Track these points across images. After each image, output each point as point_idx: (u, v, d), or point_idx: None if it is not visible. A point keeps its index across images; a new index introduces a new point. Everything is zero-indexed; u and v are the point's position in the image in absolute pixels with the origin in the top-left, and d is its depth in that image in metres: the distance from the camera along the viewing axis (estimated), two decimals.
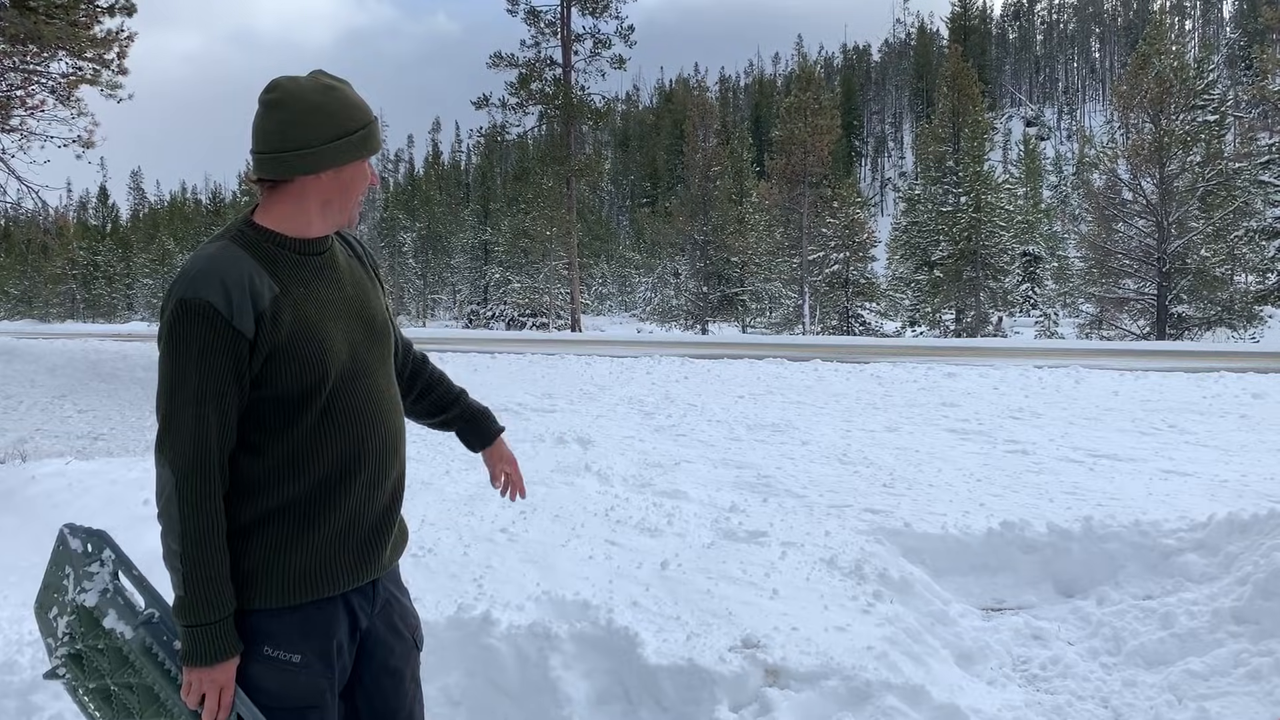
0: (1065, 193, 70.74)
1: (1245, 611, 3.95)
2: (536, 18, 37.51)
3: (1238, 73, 71.73)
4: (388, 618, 2.02)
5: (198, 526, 1.75)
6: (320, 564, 1.85)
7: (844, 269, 39.11)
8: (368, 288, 2.01)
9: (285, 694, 1.83)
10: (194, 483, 1.75)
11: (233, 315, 1.73)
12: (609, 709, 3.38)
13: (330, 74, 1.92)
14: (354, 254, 2.06)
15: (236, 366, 1.75)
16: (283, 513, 1.83)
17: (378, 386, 1.94)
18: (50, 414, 12.81)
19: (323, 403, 1.83)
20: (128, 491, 5.60)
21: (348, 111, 1.87)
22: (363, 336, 1.93)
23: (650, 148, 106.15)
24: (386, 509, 1.96)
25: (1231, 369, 14.19)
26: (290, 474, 1.82)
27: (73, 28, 16.35)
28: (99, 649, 1.90)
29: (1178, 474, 6.89)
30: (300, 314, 1.81)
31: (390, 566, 2.02)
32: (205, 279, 1.74)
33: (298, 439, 1.82)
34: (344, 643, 1.91)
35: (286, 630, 1.83)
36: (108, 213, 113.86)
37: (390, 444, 1.95)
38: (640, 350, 21.17)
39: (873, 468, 7.30)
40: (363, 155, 1.89)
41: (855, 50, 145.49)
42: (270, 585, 1.82)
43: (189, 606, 1.76)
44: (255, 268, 1.80)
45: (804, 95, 40.66)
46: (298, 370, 1.78)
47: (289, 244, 1.87)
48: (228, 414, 1.77)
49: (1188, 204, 31.13)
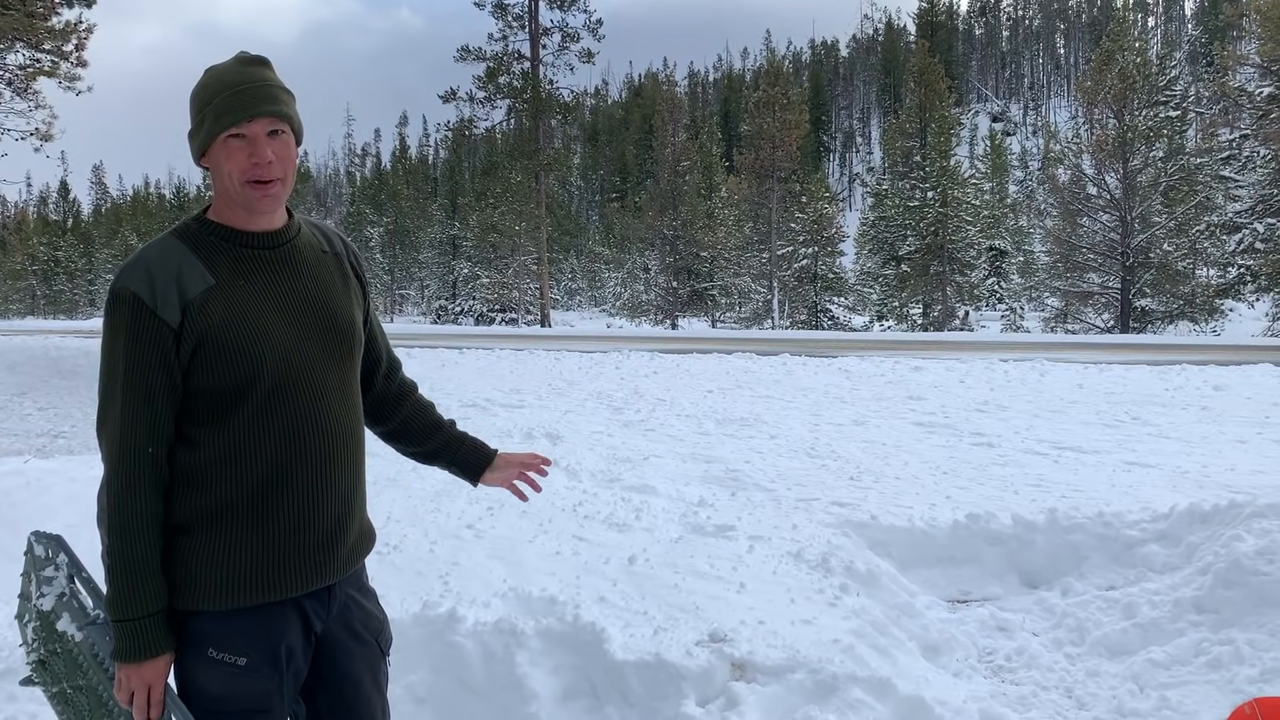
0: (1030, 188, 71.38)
1: (1206, 601, 4.00)
2: (504, 11, 37.40)
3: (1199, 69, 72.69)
4: (346, 622, 1.95)
5: (123, 520, 1.73)
6: (265, 567, 1.79)
7: (812, 264, 39.29)
8: (334, 286, 1.93)
9: (230, 696, 1.79)
10: (121, 475, 1.74)
11: (157, 304, 1.71)
12: (576, 705, 3.36)
13: (248, 53, 1.85)
14: (330, 251, 1.98)
15: (164, 357, 1.72)
16: (223, 511, 1.78)
17: (327, 385, 1.85)
18: (9, 412, 12.60)
19: (260, 397, 1.76)
20: (88, 490, 5.49)
21: (209, 89, 1.79)
22: (315, 334, 1.85)
23: (619, 142, 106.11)
24: (340, 513, 1.88)
25: (1193, 362, 14.40)
26: (227, 471, 1.77)
27: (30, 19, 16.07)
28: (56, 652, 1.88)
29: (1140, 465, 6.97)
30: (235, 306, 1.76)
31: (348, 571, 1.94)
32: (132, 270, 1.74)
33: (234, 434, 1.76)
34: (295, 647, 1.85)
35: (231, 633, 1.78)
36: (69, 207, 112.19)
37: (339, 445, 1.87)
38: (609, 345, 21.16)
39: (840, 461, 7.33)
40: (216, 131, 1.76)
41: (823, 46, 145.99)
42: (214, 587, 1.77)
43: (115, 601, 1.74)
44: (189, 259, 1.76)
45: (772, 90, 40.78)
46: (229, 361, 1.73)
47: (233, 236, 1.82)
48: (157, 405, 1.73)
49: (1151, 199, 31.51)
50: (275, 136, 1.79)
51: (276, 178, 1.79)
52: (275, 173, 1.79)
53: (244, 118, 1.75)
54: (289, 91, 1.86)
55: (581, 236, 80.00)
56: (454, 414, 9.77)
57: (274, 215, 1.86)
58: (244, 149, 1.77)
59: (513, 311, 47.71)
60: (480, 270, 51.54)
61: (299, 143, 1.88)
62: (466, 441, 2.24)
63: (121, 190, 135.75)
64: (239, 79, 1.78)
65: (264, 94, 1.78)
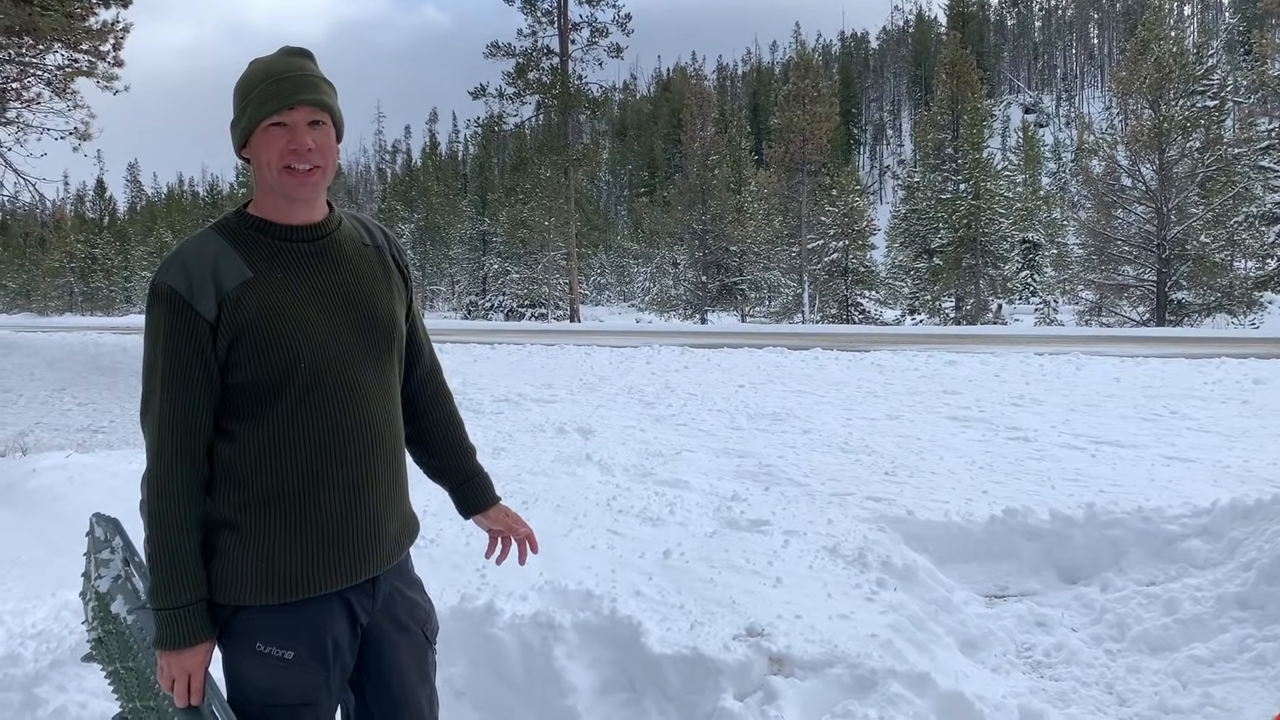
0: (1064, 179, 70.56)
1: (1250, 597, 3.94)
2: (533, 7, 37.41)
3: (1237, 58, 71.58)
4: (391, 613, 1.96)
5: (162, 510, 1.75)
6: (308, 562, 1.79)
7: (843, 257, 39.07)
8: (375, 279, 1.92)
9: (278, 690, 1.81)
10: (160, 465, 1.76)
11: (193, 298, 1.73)
12: (613, 698, 3.37)
13: (293, 46, 1.86)
14: (372, 244, 1.97)
15: (201, 350, 1.74)
16: (264, 506, 1.78)
17: (365, 378, 1.85)
18: (50, 407, 12.79)
19: (297, 391, 1.77)
20: (128, 484, 5.56)
21: (252, 78, 1.80)
22: (354, 327, 1.85)
23: (648, 137, 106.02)
24: (381, 506, 1.89)
25: (1232, 355, 14.18)
26: (267, 465, 1.78)
27: (68, 20, 16.27)
28: (110, 632, 1.92)
29: (1180, 460, 6.88)
30: (272, 299, 1.76)
31: (391, 562, 1.94)
32: (170, 264, 1.77)
33: (272, 428, 1.77)
34: (341, 640, 1.86)
35: (278, 626, 1.80)
36: (105, 205, 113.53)
37: (379, 438, 1.87)
38: (640, 340, 21.16)
39: (874, 456, 7.29)
40: (257, 119, 1.77)
41: (853, 37, 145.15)
42: (258, 582, 1.78)
43: (155, 589, 1.76)
44: (226, 252, 1.78)
45: (802, 83, 40.56)
46: (265, 355, 1.74)
47: (272, 229, 1.83)
48: (194, 398, 1.75)
49: (1187, 190, 31.07)
50: (316, 126, 1.80)
51: (316, 165, 1.79)
52: (314, 160, 1.79)
53: (284, 105, 1.76)
54: (330, 83, 1.86)
55: (610, 231, 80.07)
56: (486, 409, 9.81)
57: (313, 207, 1.86)
58: (283, 136, 1.77)
59: (542, 307, 47.84)
60: (510, 266, 51.71)
61: (340, 136, 1.88)
62: (479, 476, 2.23)
63: (156, 188, 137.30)
64: (281, 69, 1.79)
65: (305, 83, 1.79)
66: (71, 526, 4.88)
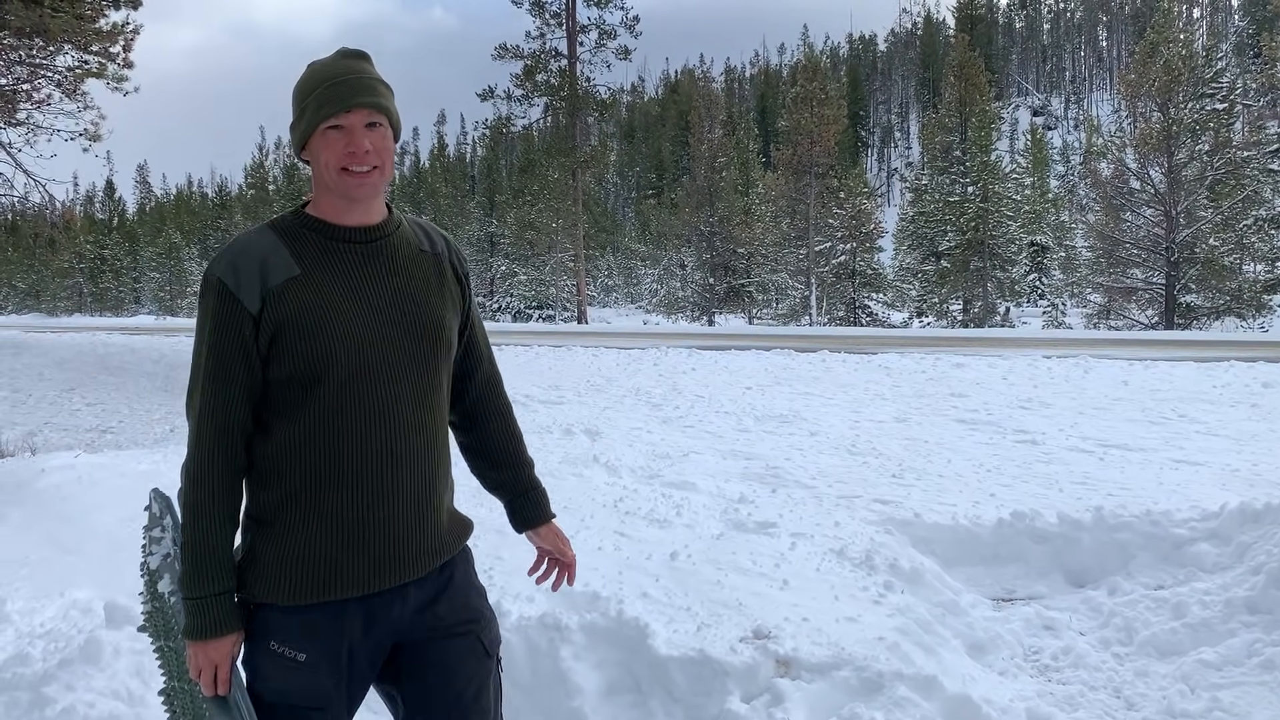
0: (1072, 182, 70.44)
1: (1259, 601, 3.93)
2: (542, 9, 37.46)
3: (1246, 61, 71.31)
4: (434, 621, 1.91)
5: (197, 499, 1.76)
6: (325, 565, 1.78)
7: (850, 260, 39.03)
8: (428, 284, 1.91)
9: (288, 691, 1.80)
10: (198, 455, 1.77)
11: (239, 290, 1.74)
12: (620, 700, 3.37)
13: (350, 48, 1.88)
14: (430, 250, 1.95)
15: (243, 343, 1.75)
16: (289, 505, 1.79)
17: (404, 382, 1.83)
18: (59, 407, 12.85)
19: (332, 389, 1.76)
20: (137, 484, 5.59)
21: (310, 81, 1.82)
22: (399, 330, 1.83)
23: (656, 139, 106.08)
24: (412, 514, 1.85)
25: (1241, 358, 14.14)
26: (295, 463, 1.78)
27: (78, 21, 16.32)
28: (157, 609, 1.94)
29: (1188, 463, 6.86)
30: (315, 295, 1.77)
31: (423, 571, 1.89)
32: (221, 257, 1.79)
33: (304, 426, 1.77)
34: (359, 648, 1.84)
35: (292, 627, 1.79)
36: (114, 206, 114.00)
37: (413, 445, 1.84)
38: (647, 342, 21.17)
39: (882, 458, 7.28)
40: (316, 122, 1.78)
41: (861, 40, 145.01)
42: (277, 581, 1.78)
43: (185, 578, 1.77)
44: (277, 248, 1.79)
45: (810, 85, 40.54)
46: (301, 350, 1.74)
47: (326, 229, 1.84)
48: (235, 389, 1.76)
49: (1196, 193, 30.99)
50: (373, 129, 1.80)
51: (373, 167, 1.80)
52: (371, 161, 1.79)
53: (342, 108, 1.77)
54: (388, 85, 1.87)
55: (618, 233, 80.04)
56: None
57: (370, 208, 1.86)
58: (341, 139, 1.78)
59: (549, 308, 47.89)
60: (517, 267, 51.78)
61: (397, 138, 1.89)
62: (535, 490, 2.20)
63: (165, 189, 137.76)
64: (338, 71, 1.81)
65: (362, 86, 1.80)
66: (80, 526, 4.90)
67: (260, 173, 76.10)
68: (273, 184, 73.48)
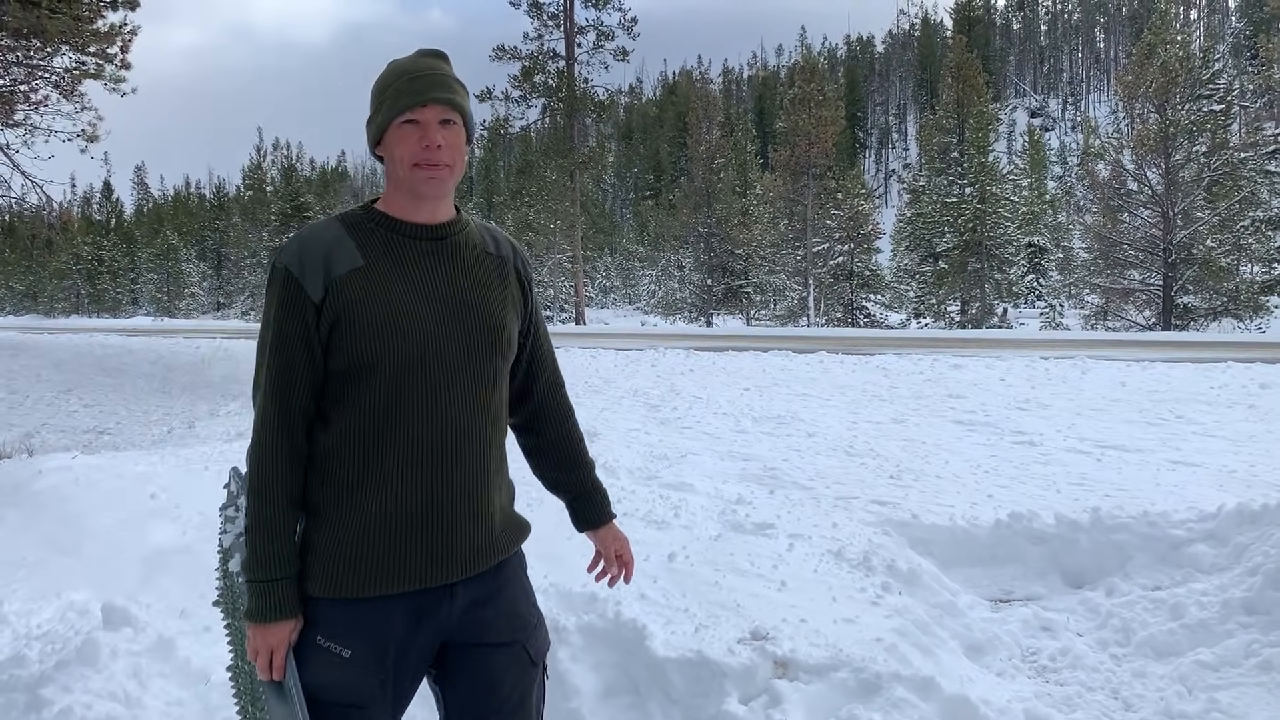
0: (1070, 184, 70.53)
1: (1256, 602, 3.93)
2: (540, 10, 37.46)
3: (1243, 62, 71.47)
4: (478, 624, 1.91)
5: (260, 484, 1.79)
6: (375, 559, 1.79)
7: (848, 261, 39.03)
8: (490, 286, 1.91)
9: (332, 686, 1.80)
10: (261, 440, 1.80)
11: (304, 278, 1.77)
12: (617, 701, 3.37)
13: (428, 48, 1.91)
14: (495, 254, 1.97)
15: (306, 330, 1.78)
16: (342, 496, 1.80)
17: (458, 380, 1.83)
18: (56, 409, 12.83)
19: (385, 383, 1.77)
20: (134, 486, 5.58)
21: (387, 77, 1.86)
22: (457, 329, 1.84)
23: (654, 140, 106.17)
24: (461, 512, 1.85)
25: (1238, 359, 14.16)
26: (347, 455, 1.80)
27: (76, 22, 16.29)
28: (228, 587, 1.97)
29: (1186, 464, 6.87)
30: (376, 288, 1.79)
31: (472, 571, 1.88)
32: (289, 246, 1.83)
33: (356, 418, 1.79)
34: (408, 646, 1.84)
35: (338, 622, 1.80)
36: (112, 207, 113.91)
37: (464, 443, 1.84)
38: (645, 343, 21.17)
39: (879, 459, 7.28)
40: (391, 116, 1.82)
41: (859, 41, 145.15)
42: (326, 573, 1.80)
43: (247, 561, 1.81)
44: (343, 240, 1.82)
45: (808, 87, 40.56)
46: (358, 341, 1.77)
47: (393, 224, 1.86)
48: (296, 376, 1.79)
49: (1193, 194, 31.03)
50: (447, 126, 1.83)
51: (445, 163, 1.82)
52: (444, 158, 1.82)
53: (417, 103, 1.80)
54: (464, 85, 1.90)
55: (616, 234, 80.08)
56: None
57: (438, 206, 1.89)
58: (415, 133, 1.81)
59: (548, 309, 47.85)
60: None
61: (470, 138, 1.91)
62: (596, 492, 2.23)
63: (163, 190, 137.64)
64: (416, 68, 1.84)
65: (438, 82, 1.82)
66: (77, 528, 4.89)
67: (258, 174, 75.97)
68: (270, 185, 73.35)
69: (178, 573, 4.09)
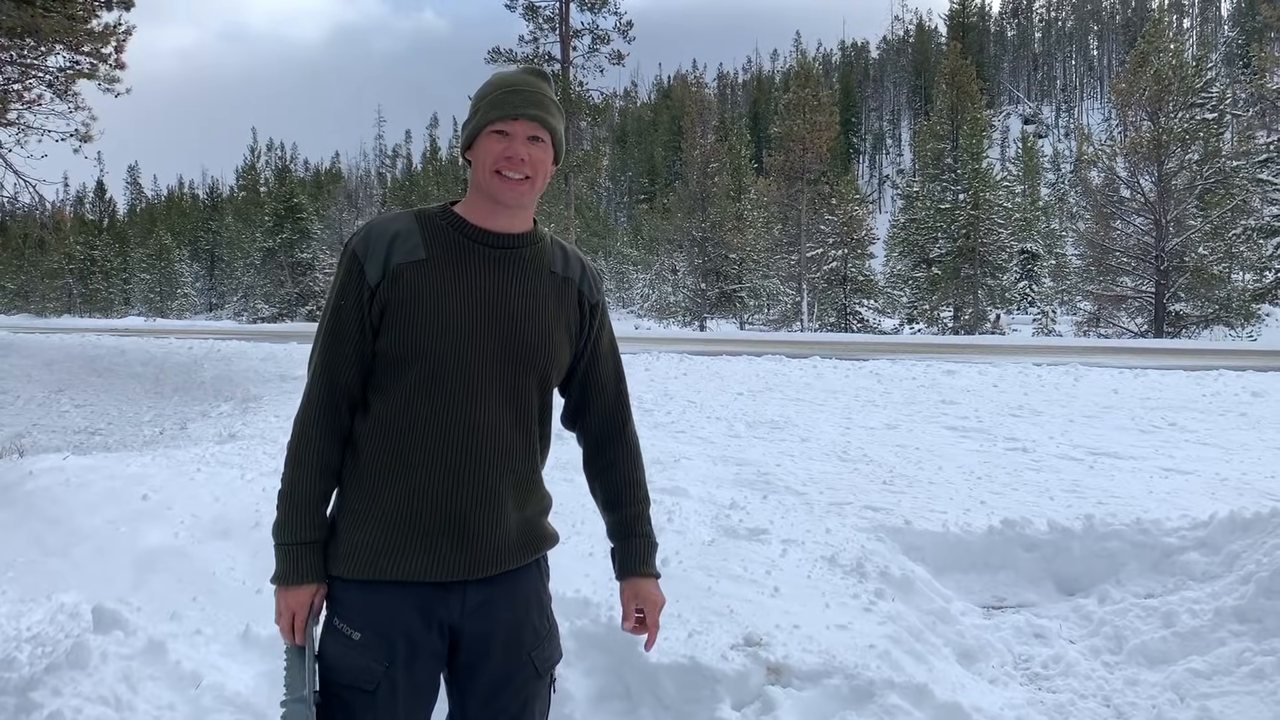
0: (1063, 190, 70.74)
1: (1248, 610, 3.93)
2: (535, 13, 37.47)
3: (1236, 71, 71.70)
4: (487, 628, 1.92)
5: (297, 452, 1.88)
6: (386, 544, 1.83)
7: (842, 266, 39.12)
8: (545, 303, 1.92)
9: (341, 668, 1.85)
10: (307, 409, 1.89)
11: (366, 261, 1.84)
12: (610, 707, 3.36)
13: (533, 66, 1.99)
14: (561, 275, 1.96)
15: (360, 310, 1.84)
16: (368, 478, 1.86)
17: (490, 385, 1.85)
18: (47, 409, 12.78)
19: (419, 375, 1.82)
20: (126, 486, 5.56)
21: (489, 85, 1.91)
22: (500, 335, 1.86)
23: (648, 144, 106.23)
24: (477, 514, 1.86)
25: (1231, 367, 14.20)
26: (380, 439, 1.85)
27: (70, 21, 16.27)
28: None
29: (1178, 472, 6.88)
30: (428, 282, 1.83)
31: (484, 573, 1.88)
32: (361, 230, 1.92)
33: (389, 405, 1.85)
34: (417, 639, 1.85)
35: (352, 604, 1.85)
36: (105, 207, 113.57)
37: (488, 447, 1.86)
38: (638, 347, 21.15)
39: (873, 465, 7.28)
40: (484, 123, 1.86)
41: (854, 47, 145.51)
42: (343, 551, 1.86)
43: (276, 524, 1.89)
44: (411, 232, 1.88)
45: (802, 92, 40.64)
46: (401, 331, 1.81)
47: (462, 226, 1.90)
48: (345, 352, 1.86)
49: (1186, 202, 31.14)
50: (534, 142, 1.87)
51: (526, 176, 1.86)
52: (525, 171, 1.86)
53: (510, 114, 1.84)
54: (560, 107, 1.93)
55: (610, 238, 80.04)
56: None
57: (514, 218, 1.92)
58: (502, 143, 1.85)
59: None
60: None
61: (558, 160, 1.94)
62: (635, 538, 2.13)
63: (156, 190, 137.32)
64: (516, 81, 1.89)
65: (533, 99, 1.87)
66: (67, 529, 4.86)
67: (251, 174, 75.88)
68: (264, 186, 73.21)
69: (169, 575, 4.07)
